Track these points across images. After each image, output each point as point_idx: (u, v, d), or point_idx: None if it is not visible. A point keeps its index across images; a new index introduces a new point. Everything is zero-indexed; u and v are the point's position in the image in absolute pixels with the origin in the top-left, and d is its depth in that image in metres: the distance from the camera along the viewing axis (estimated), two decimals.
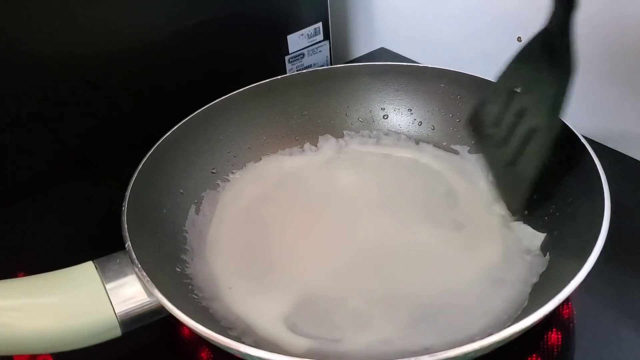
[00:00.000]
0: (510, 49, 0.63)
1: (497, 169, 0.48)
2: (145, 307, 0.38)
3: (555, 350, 0.40)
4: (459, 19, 0.67)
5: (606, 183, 0.41)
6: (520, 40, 0.61)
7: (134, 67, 0.58)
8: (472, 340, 0.33)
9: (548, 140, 0.43)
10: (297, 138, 0.57)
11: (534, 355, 0.40)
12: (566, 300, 0.41)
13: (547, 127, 0.43)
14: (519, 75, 0.45)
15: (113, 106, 0.59)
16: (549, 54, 0.41)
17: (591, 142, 0.45)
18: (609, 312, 0.42)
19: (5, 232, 0.53)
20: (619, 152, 0.55)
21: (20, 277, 0.40)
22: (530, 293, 0.41)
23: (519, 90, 0.45)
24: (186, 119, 0.52)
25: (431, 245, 0.47)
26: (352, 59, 0.82)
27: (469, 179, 0.52)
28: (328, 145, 0.57)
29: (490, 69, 0.48)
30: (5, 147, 0.54)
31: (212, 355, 0.42)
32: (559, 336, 0.41)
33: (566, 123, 0.46)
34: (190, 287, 0.44)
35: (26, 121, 0.54)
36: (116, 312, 0.38)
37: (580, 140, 0.45)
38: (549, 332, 0.41)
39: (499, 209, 0.49)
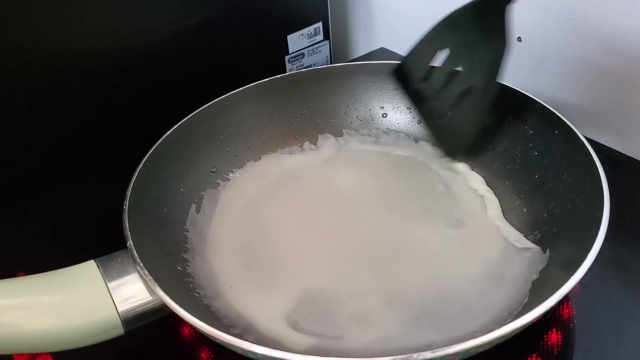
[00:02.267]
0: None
1: (428, 120, 0.51)
2: (148, 305, 0.38)
3: (555, 350, 0.41)
4: None
5: (606, 182, 0.41)
6: (520, 40, 0.61)
7: (134, 66, 0.58)
8: (473, 337, 0.33)
9: (485, 100, 0.46)
10: (296, 137, 0.57)
11: (534, 355, 0.40)
12: (566, 300, 0.42)
13: (483, 89, 0.46)
14: (448, 38, 0.47)
15: (113, 106, 0.59)
16: (482, 29, 0.44)
17: (591, 141, 0.45)
18: (609, 312, 0.42)
19: (7, 231, 0.53)
20: (619, 152, 0.55)
21: (20, 276, 0.40)
22: (530, 290, 0.41)
23: (448, 52, 0.47)
24: (186, 118, 0.52)
25: (431, 243, 0.47)
26: (352, 58, 0.82)
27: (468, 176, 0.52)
28: (327, 144, 0.57)
29: None
30: (6, 146, 0.54)
31: (212, 355, 0.42)
32: (559, 336, 0.41)
33: (567, 122, 0.46)
34: (191, 285, 0.44)
35: (27, 121, 0.54)
36: (118, 310, 0.38)
37: (580, 138, 0.45)
38: (549, 332, 0.41)
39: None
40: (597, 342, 0.41)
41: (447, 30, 0.47)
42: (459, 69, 0.48)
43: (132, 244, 0.40)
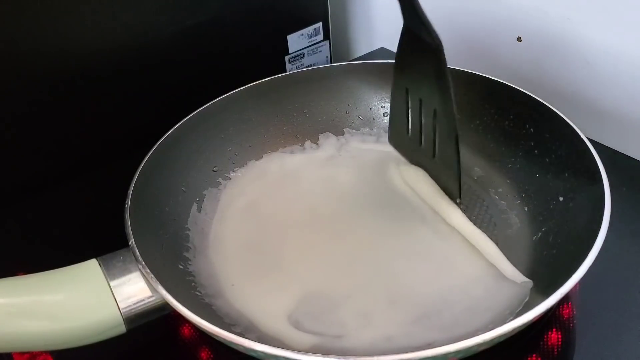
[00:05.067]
0: (510, 49, 0.63)
1: (428, 168, 0.50)
2: (149, 304, 0.38)
3: (555, 350, 0.41)
4: (458, 19, 0.67)
5: (607, 181, 0.41)
6: (521, 40, 0.61)
7: (135, 66, 0.59)
8: (474, 335, 0.33)
9: (449, 118, 0.43)
10: (297, 136, 0.57)
11: (534, 355, 0.40)
12: (566, 300, 0.42)
13: (442, 107, 0.44)
14: (406, 75, 0.47)
15: (114, 106, 0.59)
16: (418, 45, 0.43)
17: (591, 141, 0.45)
18: (609, 312, 0.42)
19: (8, 231, 0.53)
20: (619, 152, 0.56)
21: (21, 276, 0.40)
22: (531, 289, 0.41)
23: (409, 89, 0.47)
24: (187, 117, 0.52)
25: (433, 242, 0.47)
26: (352, 58, 0.82)
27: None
28: (329, 143, 0.57)
29: (489, 67, 0.49)
30: (7, 146, 0.54)
31: (213, 354, 0.42)
32: (559, 336, 0.41)
33: (568, 122, 0.46)
34: (193, 284, 0.44)
35: (27, 121, 0.54)
36: (120, 309, 0.38)
37: (581, 137, 0.45)
38: (549, 332, 0.41)
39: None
40: (597, 342, 0.41)
41: (399, 71, 0.47)
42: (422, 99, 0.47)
43: (134, 242, 0.40)
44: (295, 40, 0.69)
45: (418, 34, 0.42)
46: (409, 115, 0.48)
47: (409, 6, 0.41)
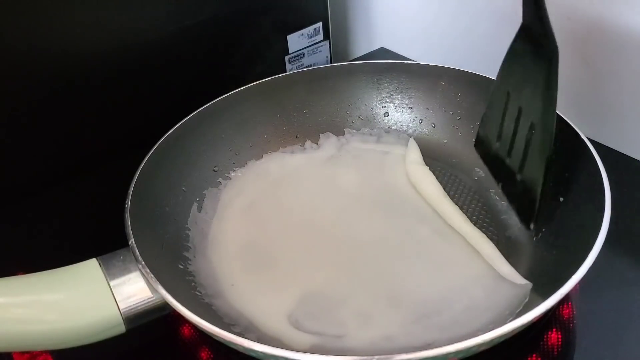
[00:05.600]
0: None
1: (507, 184, 0.46)
2: (149, 303, 0.39)
3: (555, 350, 0.41)
4: (458, 19, 0.67)
5: (607, 182, 0.41)
6: None
7: (135, 66, 0.58)
8: (474, 335, 0.33)
9: (547, 136, 0.40)
10: (298, 136, 0.57)
11: (534, 355, 0.40)
12: (566, 300, 0.42)
13: (542, 121, 0.40)
14: (511, 78, 0.44)
15: (114, 106, 0.59)
16: (531, 47, 0.41)
17: (591, 141, 0.45)
18: (609, 312, 0.42)
19: (8, 231, 0.53)
20: (619, 152, 0.56)
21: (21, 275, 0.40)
22: (531, 289, 0.41)
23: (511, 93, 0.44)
24: (188, 117, 0.52)
25: (433, 242, 0.47)
26: (352, 58, 0.82)
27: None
28: (329, 142, 0.57)
29: (490, 67, 0.49)
30: (7, 146, 0.54)
31: (212, 354, 0.42)
32: (559, 336, 0.41)
33: (569, 122, 0.46)
34: (193, 284, 0.44)
35: (27, 120, 0.54)
36: (120, 308, 0.38)
37: (581, 137, 0.45)
38: (549, 332, 0.41)
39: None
40: (597, 342, 0.41)
41: (505, 72, 0.44)
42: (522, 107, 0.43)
43: (133, 242, 0.40)
44: (295, 40, 0.69)
45: (534, 34, 0.39)
46: (504, 121, 0.44)
47: (531, 1, 0.38)
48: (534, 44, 0.40)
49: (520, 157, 0.43)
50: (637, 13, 0.52)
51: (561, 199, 0.45)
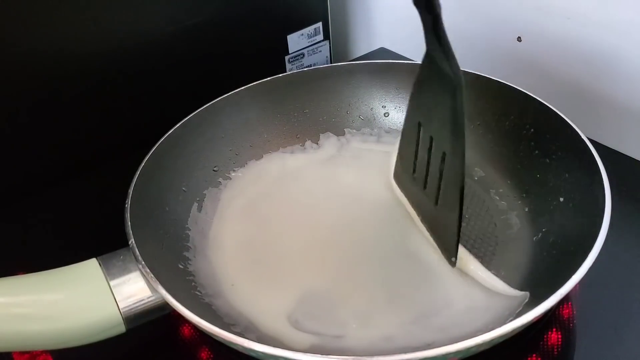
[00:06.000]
0: (510, 49, 0.63)
1: (426, 217, 0.45)
2: (149, 303, 0.39)
3: (555, 350, 0.41)
4: (458, 19, 0.67)
5: (608, 182, 0.41)
6: (521, 40, 0.61)
7: (135, 66, 0.59)
8: (474, 335, 0.33)
9: (458, 165, 0.38)
10: (298, 136, 0.57)
11: (534, 355, 0.40)
12: (566, 300, 0.42)
13: (452, 151, 0.39)
14: (420, 107, 0.43)
15: (114, 105, 0.59)
16: (437, 76, 0.38)
17: (591, 141, 0.45)
18: (609, 312, 0.42)
19: (8, 231, 0.53)
20: (619, 152, 0.56)
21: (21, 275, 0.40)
22: (531, 289, 0.41)
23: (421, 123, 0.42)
24: (188, 117, 0.52)
25: (433, 242, 0.47)
26: (352, 58, 0.82)
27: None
28: (329, 142, 0.57)
29: (490, 67, 0.49)
30: (7, 146, 0.54)
31: (212, 354, 0.42)
32: (559, 336, 0.41)
33: (569, 122, 0.46)
34: (193, 283, 0.44)
35: (27, 121, 0.54)
36: (120, 308, 0.38)
37: (581, 137, 0.45)
38: (549, 332, 0.41)
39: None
40: (597, 342, 0.41)
41: (415, 102, 0.43)
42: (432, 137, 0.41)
43: (133, 242, 0.40)
44: (295, 40, 0.69)
45: (438, 62, 0.38)
46: (418, 152, 0.43)
47: (431, 29, 0.36)
48: (439, 72, 0.37)
49: (436, 189, 0.41)
50: (637, 12, 0.52)
51: (561, 199, 0.45)
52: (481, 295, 0.42)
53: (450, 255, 0.42)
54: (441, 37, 0.35)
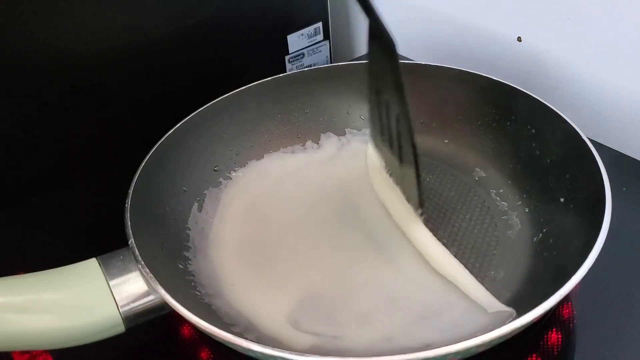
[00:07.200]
0: (510, 49, 0.63)
1: (397, 176, 0.48)
2: (149, 303, 0.39)
3: (555, 350, 0.41)
4: (458, 19, 0.67)
5: (608, 182, 0.41)
6: (520, 40, 0.61)
7: (135, 66, 0.59)
8: (473, 336, 0.33)
9: (406, 124, 0.41)
10: (299, 136, 0.57)
11: (534, 355, 0.40)
12: (566, 300, 0.42)
13: (401, 111, 0.42)
14: (375, 75, 0.45)
15: (114, 105, 0.59)
16: (377, 44, 0.42)
17: (592, 141, 0.45)
18: (609, 312, 0.42)
19: (8, 231, 0.53)
20: (619, 152, 0.56)
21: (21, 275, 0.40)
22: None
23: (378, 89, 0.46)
24: (188, 117, 0.52)
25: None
26: (352, 58, 0.82)
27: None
28: (330, 142, 0.57)
29: (490, 67, 0.49)
30: (7, 146, 0.54)
31: (212, 354, 0.42)
32: (559, 336, 0.41)
33: (569, 122, 0.46)
34: (192, 283, 0.44)
35: (27, 121, 0.54)
36: (120, 308, 0.38)
37: (582, 137, 0.45)
38: (549, 332, 0.41)
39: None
40: (597, 342, 0.41)
41: (370, 70, 0.46)
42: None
43: (133, 242, 0.40)
44: (295, 40, 0.69)
45: (376, 32, 0.42)
46: (381, 116, 0.46)
47: (363, 4, 0.41)
48: (378, 41, 0.42)
49: (398, 149, 0.45)
50: (637, 12, 0.52)
51: (562, 200, 0.45)
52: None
53: (416, 207, 0.45)
54: (369, 8, 0.41)
